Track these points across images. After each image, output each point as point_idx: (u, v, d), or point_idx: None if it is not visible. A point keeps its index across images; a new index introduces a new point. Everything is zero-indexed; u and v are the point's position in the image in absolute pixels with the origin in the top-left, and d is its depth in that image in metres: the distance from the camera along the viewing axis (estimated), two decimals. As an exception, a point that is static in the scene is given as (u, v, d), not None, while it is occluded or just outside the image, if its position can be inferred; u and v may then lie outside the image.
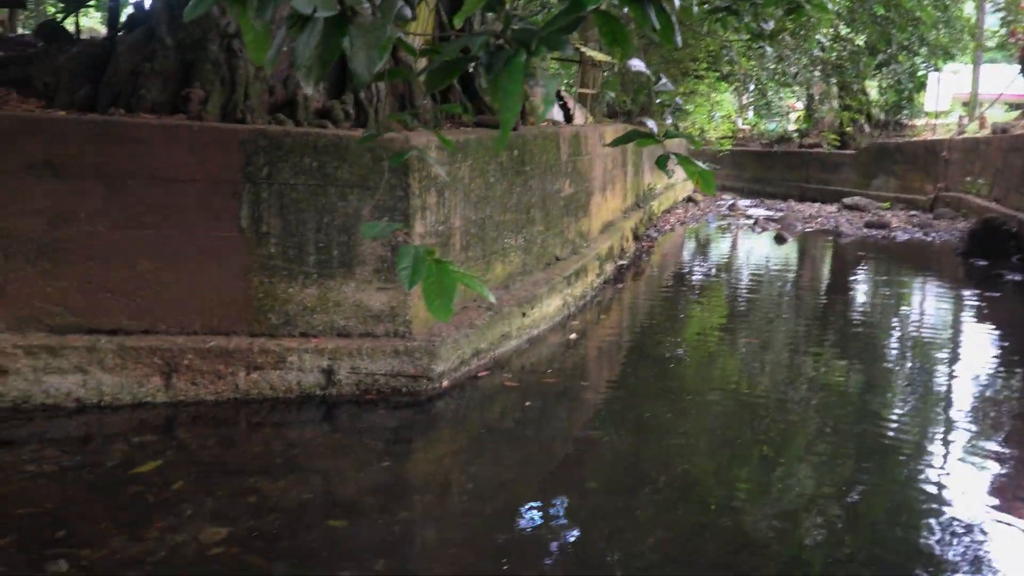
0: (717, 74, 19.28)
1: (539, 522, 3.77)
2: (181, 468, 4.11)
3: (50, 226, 4.89)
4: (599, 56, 10.95)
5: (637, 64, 2.47)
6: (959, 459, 4.61)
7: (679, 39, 2.17)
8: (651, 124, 2.51)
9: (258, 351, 5.00)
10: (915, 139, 20.19)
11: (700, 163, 2.42)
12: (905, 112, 22.91)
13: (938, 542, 3.64)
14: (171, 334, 5.04)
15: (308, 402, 5.01)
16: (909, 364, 6.64)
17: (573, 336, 7.01)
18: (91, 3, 12.69)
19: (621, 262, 10.47)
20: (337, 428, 4.79)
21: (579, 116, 12.06)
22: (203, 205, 5.01)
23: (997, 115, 19.12)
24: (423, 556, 3.52)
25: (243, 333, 5.12)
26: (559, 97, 11.02)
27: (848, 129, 22.65)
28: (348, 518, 3.71)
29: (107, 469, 4.09)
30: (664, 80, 3.29)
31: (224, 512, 3.67)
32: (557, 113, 11.08)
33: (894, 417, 5.29)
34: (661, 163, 2.47)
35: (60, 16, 8.49)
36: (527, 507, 3.91)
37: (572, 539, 3.65)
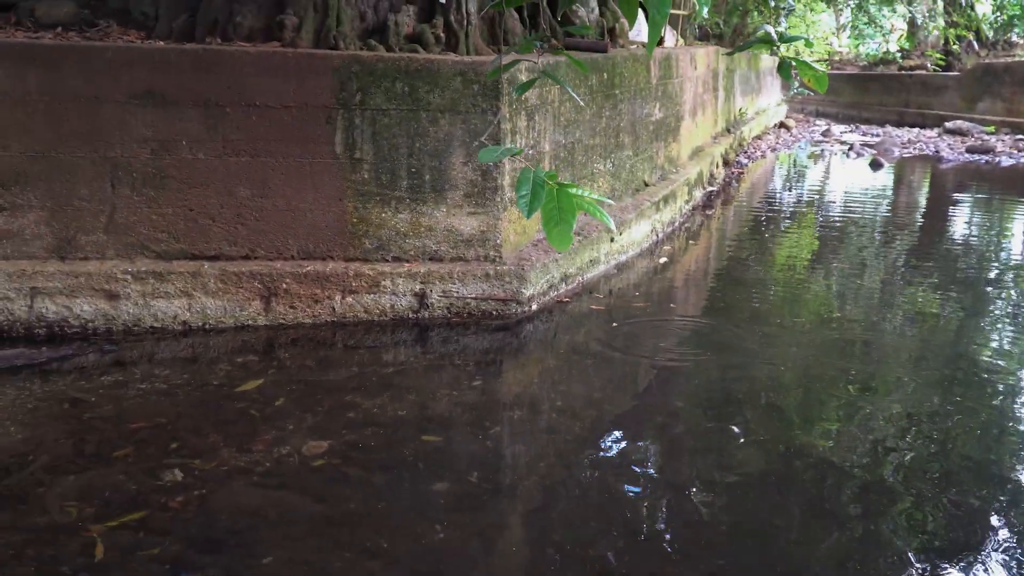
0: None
1: (626, 440, 3.84)
2: (282, 386, 4.29)
3: (153, 155, 5.06)
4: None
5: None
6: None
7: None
8: (769, 29, 2.52)
9: (353, 275, 5.13)
10: (1025, 59, 19.24)
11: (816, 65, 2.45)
12: (1017, 30, 21.68)
13: (1034, 466, 3.60)
14: (270, 259, 5.21)
15: (401, 325, 5.15)
16: (1008, 294, 6.45)
17: (662, 261, 7.00)
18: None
19: (710, 188, 10.34)
20: (429, 349, 4.92)
21: (670, 38, 11.81)
22: (298, 132, 5.12)
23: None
24: (514, 469, 3.63)
25: (338, 258, 5.27)
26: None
27: (954, 47, 21.57)
28: (442, 433, 3.84)
29: (213, 387, 4.29)
30: None
31: (324, 427, 3.84)
32: (646, 35, 10.87)
33: (990, 349, 5.18)
34: (783, 70, 2.52)
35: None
36: (615, 426, 3.98)
37: (659, 458, 3.71)
